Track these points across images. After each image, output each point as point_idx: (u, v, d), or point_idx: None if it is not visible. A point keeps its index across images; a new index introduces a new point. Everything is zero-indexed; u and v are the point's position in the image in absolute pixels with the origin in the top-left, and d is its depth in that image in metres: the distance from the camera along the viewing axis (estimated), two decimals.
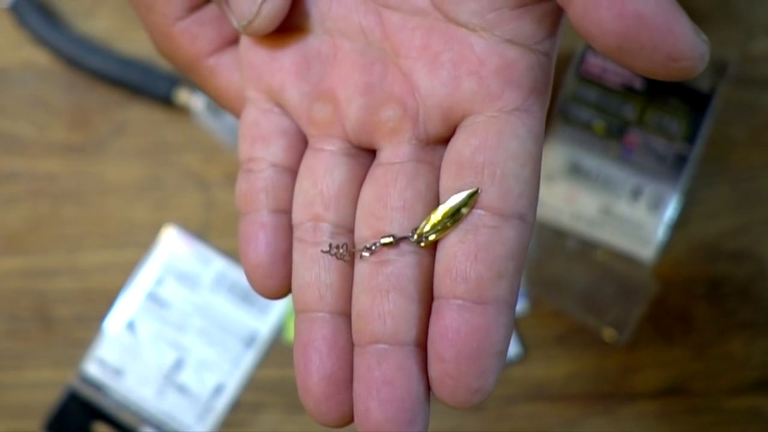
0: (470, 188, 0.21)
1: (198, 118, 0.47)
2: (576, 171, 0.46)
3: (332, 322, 0.22)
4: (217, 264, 0.46)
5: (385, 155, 0.23)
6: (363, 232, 0.22)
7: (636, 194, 0.45)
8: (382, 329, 0.21)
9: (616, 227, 0.45)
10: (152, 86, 0.47)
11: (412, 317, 0.21)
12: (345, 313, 0.22)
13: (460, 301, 0.21)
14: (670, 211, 0.45)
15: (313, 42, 0.24)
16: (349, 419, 0.22)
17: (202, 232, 0.47)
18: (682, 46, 0.18)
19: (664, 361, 0.45)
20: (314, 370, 0.22)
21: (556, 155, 0.46)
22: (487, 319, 0.20)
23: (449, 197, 0.22)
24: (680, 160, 0.45)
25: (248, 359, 0.45)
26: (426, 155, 0.23)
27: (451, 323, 0.20)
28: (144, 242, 0.47)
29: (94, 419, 0.45)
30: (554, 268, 0.46)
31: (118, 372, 0.45)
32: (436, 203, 0.22)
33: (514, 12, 0.21)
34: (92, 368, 0.45)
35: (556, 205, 0.45)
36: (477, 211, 0.21)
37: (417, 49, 0.23)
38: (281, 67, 0.24)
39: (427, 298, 0.22)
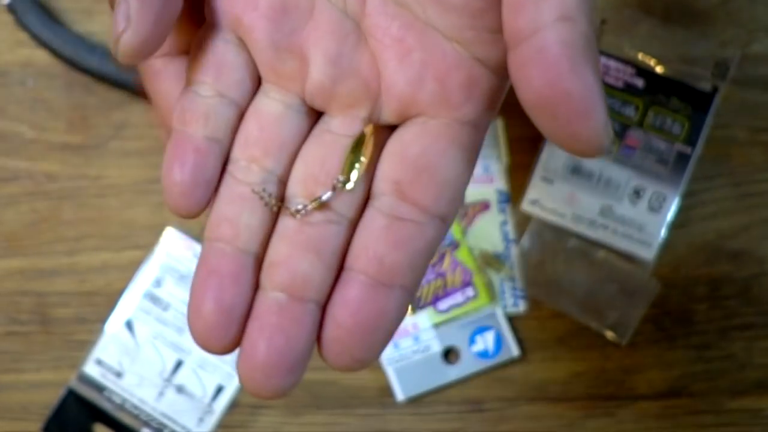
0: (367, 129, 0.23)
1: None
2: (576, 172, 0.45)
3: (242, 259, 0.23)
4: None
5: (336, 124, 0.24)
6: (297, 189, 0.24)
7: (637, 195, 0.45)
8: (290, 282, 0.22)
9: (616, 228, 0.45)
10: None
11: (321, 280, 0.23)
12: (255, 255, 0.23)
13: (369, 279, 0.22)
14: (671, 211, 0.45)
15: None
16: (230, 350, 0.23)
17: (201, 233, 0.47)
18: (590, 132, 0.20)
19: (665, 362, 0.45)
20: (211, 298, 0.22)
21: (556, 156, 0.45)
22: (389, 301, 0.22)
23: (381, 181, 0.23)
24: (681, 161, 0.45)
25: None
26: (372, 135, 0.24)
27: (357, 296, 0.22)
28: (144, 243, 0.47)
29: (94, 420, 0.45)
30: (555, 269, 0.46)
31: (117, 373, 0.45)
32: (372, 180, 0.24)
33: (491, 36, 0.23)
34: (92, 369, 0.45)
35: (557, 206, 0.45)
36: (407, 206, 0.23)
37: (391, 38, 0.23)
38: (256, 6, 0.24)
39: (338, 267, 0.23)
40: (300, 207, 0.23)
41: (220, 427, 0.45)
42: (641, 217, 0.45)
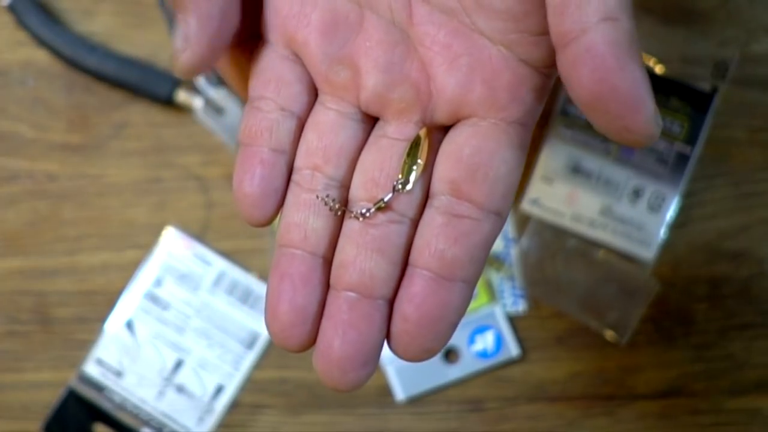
0: (422, 132, 0.25)
1: (198, 118, 0.47)
2: (576, 171, 0.45)
3: (311, 261, 0.25)
4: (217, 265, 0.46)
5: (391, 129, 0.26)
6: (359, 193, 0.25)
7: (637, 195, 0.45)
8: (359, 281, 0.24)
9: (616, 228, 0.45)
10: (152, 86, 0.47)
11: (387, 277, 0.24)
12: (323, 257, 0.25)
13: (432, 274, 0.24)
14: (671, 211, 0.45)
15: (342, 6, 0.26)
16: (306, 348, 0.25)
17: (201, 233, 0.47)
18: (641, 124, 0.21)
19: (665, 362, 0.45)
20: (286, 300, 0.24)
21: (556, 155, 0.46)
22: (451, 294, 0.24)
23: (438, 181, 0.25)
24: (681, 161, 0.45)
25: (248, 360, 0.45)
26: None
27: (421, 290, 0.24)
28: (144, 243, 0.47)
29: (94, 420, 0.45)
30: (555, 269, 0.46)
31: (118, 373, 0.45)
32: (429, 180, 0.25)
33: (535, 38, 0.24)
34: (92, 369, 0.45)
35: (557, 206, 0.45)
36: (463, 203, 0.24)
37: (439, 45, 0.25)
38: (309, 22, 0.25)
39: (402, 263, 0.25)
40: (364, 210, 0.25)
41: (220, 427, 0.45)
42: (641, 216, 0.45)
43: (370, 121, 0.26)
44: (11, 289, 0.47)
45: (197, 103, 0.47)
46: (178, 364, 0.45)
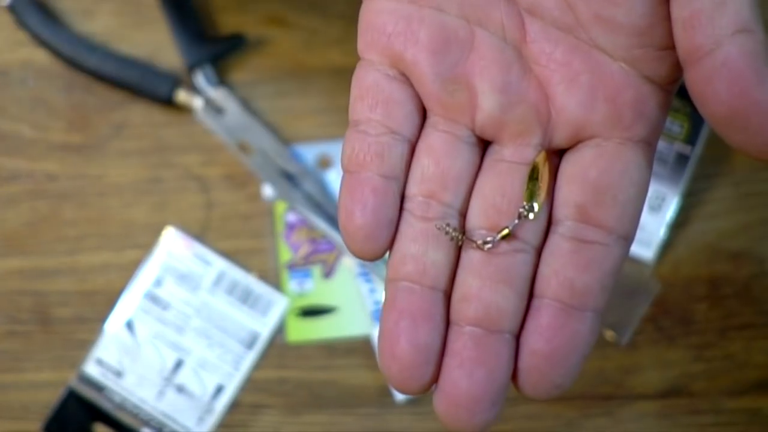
0: (540, 155, 0.24)
1: (198, 118, 0.47)
2: None
3: (432, 296, 0.23)
4: (217, 265, 0.46)
5: (508, 153, 0.24)
6: (479, 221, 0.24)
7: None
8: (485, 315, 0.23)
9: None
10: (152, 86, 0.47)
11: (514, 309, 0.23)
12: (443, 290, 0.23)
13: (561, 305, 0.22)
14: (671, 211, 0.45)
15: (451, 23, 0.24)
16: (427, 389, 0.23)
17: (201, 233, 0.47)
18: None
19: (665, 362, 0.45)
20: (406, 339, 0.23)
21: None
22: (583, 324, 0.22)
23: (562, 206, 0.23)
24: (681, 161, 0.45)
25: (248, 360, 0.45)
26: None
27: (551, 322, 0.22)
28: (144, 243, 0.47)
29: (94, 420, 0.45)
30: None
31: (117, 373, 0.45)
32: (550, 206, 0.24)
33: (658, 53, 0.23)
34: (92, 369, 0.45)
35: None
36: (591, 228, 0.23)
37: (557, 63, 0.24)
38: (418, 41, 0.24)
39: (527, 295, 0.23)
40: (488, 239, 0.23)
41: (220, 427, 0.45)
42: (641, 217, 0.45)
43: (482, 144, 0.25)
44: (11, 289, 0.47)
45: (197, 103, 0.47)
46: (178, 364, 0.45)
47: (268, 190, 0.47)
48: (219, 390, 0.45)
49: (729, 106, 0.20)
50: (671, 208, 0.45)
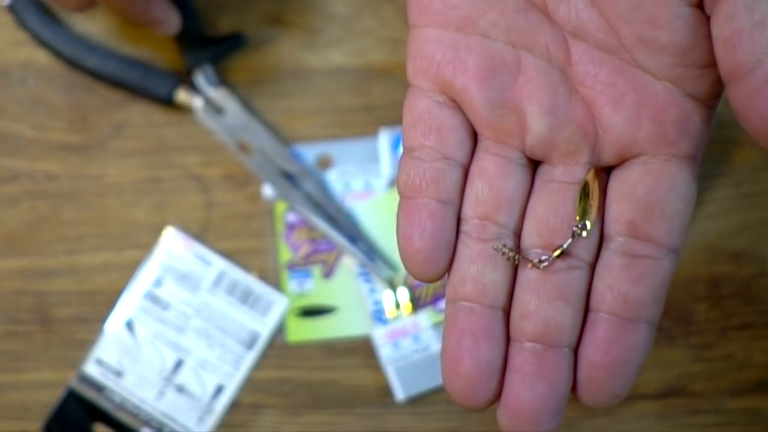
0: (590, 174, 0.24)
1: (198, 118, 0.47)
2: None
3: (491, 314, 0.24)
4: (217, 265, 0.46)
5: (559, 173, 0.25)
6: (533, 240, 0.25)
7: None
8: (543, 331, 0.24)
9: None
10: (152, 86, 0.47)
11: (572, 324, 0.24)
12: (501, 309, 0.24)
13: (616, 318, 0.23)
14: None
15: (498, 49, 0.25)
16: (491, 404, 0.24)
17: (201, 233, 0.47)
18: None
19: (665, 362, 0.45)
20: (469, 357, 0.24)
21: None
22: (638, 336, 0.24)
23: (613, 222, 0.24)
24: None
25: (248, 360, 0.45)
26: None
27: (607, 335, 0.23)
28: (144, 243, 0.47)
29: (94, 420, 0.45)
30: None
31: (117, 373, 0.45)
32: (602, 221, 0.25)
33: (700, 71, 0.24)
34: (92, 369, 0.45)
35: None
36: (642, 243, 0.24)
37: (602, 84, 0.24)
38: (466, 68, 0.25)
39: (583, 310, 0.24)
40: (544, 257, 0.24)
41: (220, 427, 0.45)
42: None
43: (533, 165, 0.26)
44: (11, 289, 0.47)
45: (197, 103, 0.47)
46: (178, 364, 0.45)
47: (268, 190, 0.47)
48: (219, 390, 0.45)
49: None
50: None
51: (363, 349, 0.45)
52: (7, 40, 0.49)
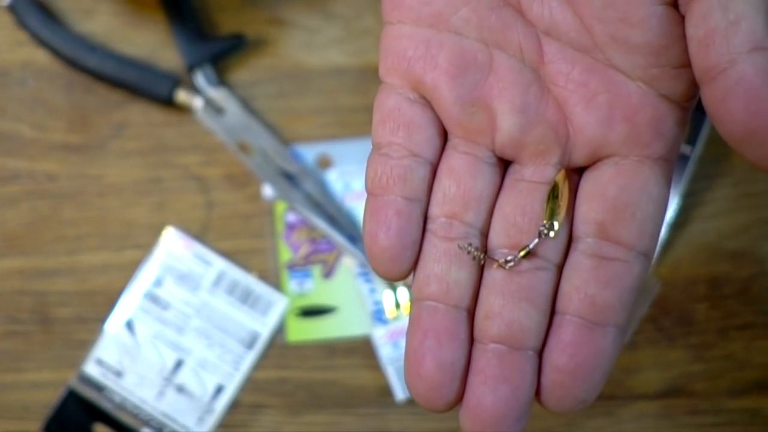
0: (560, 174, 0.24)
1: (198, 118, 0.47)
2: None
3: (456, 315, 0.24)
4: (217, 265, 0.46)
5: (528, 173, 0.25)
6: (500, 240, 0.24)
7: None
8: (508, 332, 0.23)
9: None
10: (152, 86, 0.47)
11: (537, 327, 0.23)
12: (466, 309, 0.24)
13: (583, 321, 0.23)
14: (671, 211, 0.45)
15: (469, 46, 0.25)
16: (453, 406, 0.24)
17: (201, 233, 0.47)
18: None
19: (665, 362, 0.45)
20: (431, 357, 0.23)
21: None
22: (604, 340, 0.23)
23: (582, 223, 0.24)
24: (681, 161, 0.45)
25: (248, 360, 0.45)
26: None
27: (573, 338, 0.23)
28: (144, 243, 0.47)
29: (94, 420, 0.45)
30: None
31: (117, 373, 0.45)
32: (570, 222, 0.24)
33: (675, 71, 0.23)
34: (92, 369, 0.45)
35: None
36: (612, 245, 0.23)
37: (575, 83, 0.24)
38: (437, 64, 0.24)
39: (549, 312, 0.24)
40: (509, 257, 0.24)
41: (220, 427, 0.45)
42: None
43: (503, 164, 0.25)
44: (11, 289, 0.47)
45: (197, 103, 0.47)
46: (178, 364, 0.45)
47: (268, 190, 0.47)
48: (219, 390, 0.45)
49: (745, 125, 0.20)
50: (671, 208, 0.45)
51: (363, 349, 0.45)
52: (7, 40, 0.49)
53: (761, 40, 0.20)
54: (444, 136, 0.25)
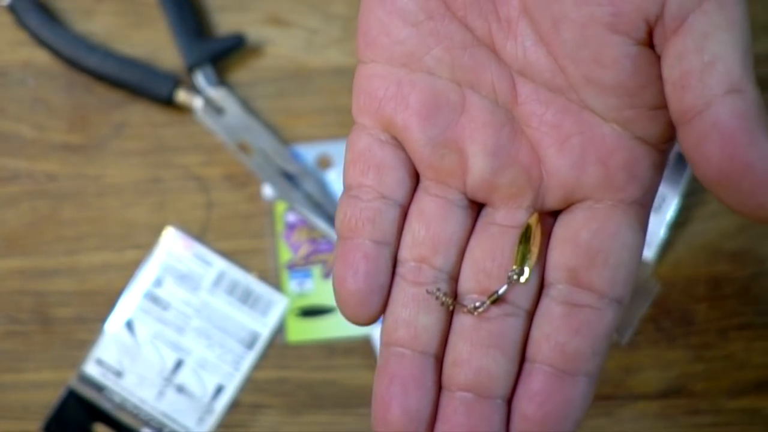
0: (533, 218, 0.23)
1: (198, 118, 0.47)
2: None
3: (422, 361, 0.23)
4: (217, 265, 0.46)
5: (500, 216, 0.24)
6: (470, 285, 0.24)
7: None
8: (475, 380, 0.23)
9: None
10: (152, 86, 0.47)
11: (506, 374, 0.23)
12: (434, 356, 0.23)
13: (552, 369, 0.22)
14: (671, 211, 0.45)
15: (442, 87, 0.24)
16: None
17: (201, 233, 0.47)
18: None
19: (665, 362, 0.45)
20: (397, 405, 0.23)
21: None
22: (575, 390, 0.22)
23: (553, 269, 0.23)
24: (681, 161, 0.45)
25: (248, 360, 0.45)
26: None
27: (543, 387, 0.22)
28: (144, 243, 0.47)
29: (94, 420, 0.45)
30: None
31: (117, 373, 0.45)
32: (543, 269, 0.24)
33: (650, 113, 0.22)
34: (92, 369, 0.45)
35: None
36: (583, 292, 0.23)
37: (548, 125, 0.23)
38: (408, 105, 0.24)
39: (519, 359, 0.23)
40: (478, 304, 0.23)
41: (220, 427, 0.45)
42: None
43: (476, 207, 0.25)
44: (11, 289, 0.47)
45: (197, 103, 0.47)
46: (178, 364, 0.45)
47: (268, 190, 0.47)
48: (219, 390, 0.45)
49: (720, 169, 0.20)
50: (671, 208, 0.45)
51: (363, 349, 0.45)
52: (7, 40, 0.49)
53: (737, 82, 0.20)
54: (416, 178, 0.25)
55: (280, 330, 0.46)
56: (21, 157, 0.48)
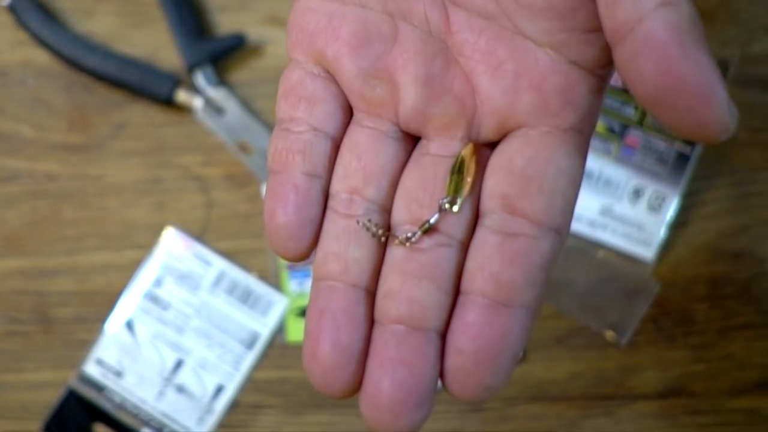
0: (467, 148, 0.23)
1: (198, 118, 0.47)
2: None
3: (354, 294, 0.22)
4: (217, 265, 0.46)
5: (434, 147, 0.24)
6: (402, 216, 0.23)
7: (637, 195, 0.45)
8: (407, 312, 0.22)
9: (616, 228, 0.45)
10: (152, 86, 0.47)
11: (439, 306, 0.22)
12: (366, 289, 0.23)
13: (487, 300, 0.21)
14: (671, 211, 0.45)
15: (373, 18, 0.24)
16: (353, 392, 0.22)
17: (201, 233, 0.47)
18: (713, 116, 0.19)
19: (665, 362, 0.45)
20: (327, 339, 0.22)
21: None
22: (511, 321, 0.21)
23: (488, 197, 0.22)
24: (681, 161, 0.45)
25: (248, 360, 0.45)
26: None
27: (476, 320, 0.21)
28: (144, 243, 0.47)
29: (94, 420, 0.45)
30: (554, 269, 0.46)
31: (117, 373, 0.45)
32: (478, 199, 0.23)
33: (585, 36, 0.22)
34: (92, 369, 0.45)
35: None
36: (518, 220, 0.22)
37: (481, 53, 0.23)
38: (338, 37, 0.24)
39: (454, 291, 0.22)
40: (409, 234, 0.22)
41: (220, 427, 0.45)
42: (641, 216, 0.45)
43: (411, 139, 0.24)
44: (11, 289, 0.47)
45: (197, 103, 0.47)
46: (178, 364, 0.45)
47: None
48: (219, 390, 0.45)
49: (655, 86, 0.19)
50: (671, 208, 0.45)
51: None
52: (7, 40, 0.49)
53: None
54: (349, 111, 0.24)
55: (280, 330, 0.46)
56: (21, 157, 0.48)
